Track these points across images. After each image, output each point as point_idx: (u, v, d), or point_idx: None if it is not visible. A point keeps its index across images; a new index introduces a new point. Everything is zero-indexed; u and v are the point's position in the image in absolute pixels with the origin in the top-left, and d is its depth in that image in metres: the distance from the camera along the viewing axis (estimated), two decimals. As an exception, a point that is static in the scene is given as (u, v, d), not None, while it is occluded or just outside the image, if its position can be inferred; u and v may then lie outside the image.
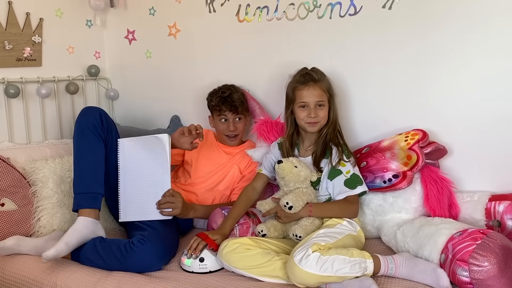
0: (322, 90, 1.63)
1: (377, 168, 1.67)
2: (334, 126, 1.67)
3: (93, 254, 1.50)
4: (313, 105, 1.63)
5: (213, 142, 1.97)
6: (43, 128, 2.16)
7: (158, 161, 1.62)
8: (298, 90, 1.65)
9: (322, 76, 1.66)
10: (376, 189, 1.65)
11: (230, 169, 1.91)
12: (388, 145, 1.70)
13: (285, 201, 1.51)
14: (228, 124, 1.88)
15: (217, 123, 1.92)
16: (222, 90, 1.88)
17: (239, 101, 1.87)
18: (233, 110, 1.86)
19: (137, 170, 1.64)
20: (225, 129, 1.89)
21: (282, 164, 1.58)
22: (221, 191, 1.90)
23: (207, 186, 1.90)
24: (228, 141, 1.92)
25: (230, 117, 1.88)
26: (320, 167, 1.65)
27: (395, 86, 1.81)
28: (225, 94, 1.86)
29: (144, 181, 1.63)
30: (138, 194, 1.64)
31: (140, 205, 1.63)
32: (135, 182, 1.64)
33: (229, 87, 1.91)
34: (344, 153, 1.63)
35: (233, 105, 1.85)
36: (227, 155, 1.94)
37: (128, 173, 1.64)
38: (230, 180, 1.90)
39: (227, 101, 1.85)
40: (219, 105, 1.86)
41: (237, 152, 1.94)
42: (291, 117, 1.70)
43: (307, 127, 1.65)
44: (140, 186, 1.64)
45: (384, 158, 1.66)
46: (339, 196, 1.59)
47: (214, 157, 1.94)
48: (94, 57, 2.41)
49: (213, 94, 1.91)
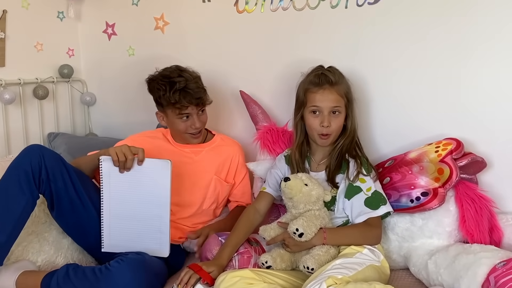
0: (339, 95, 1.64)
1: (403, 185, 1.67)
2: (352, 137, 1.68)
3: (64, 281, 1.50)
4: (327, 112, 1.63)
5: (166, 146, 1.88)
6: (6, 139, 2.15)
7: (155, 191, 1.62)
8: (310, 92, 1.65)
9: (340, 78, 1.66)
10: (402, 210, 1.65)
11: (207, 178, 1.87)
12: (416, 157, 1.70)
13: (294, 227, 1.50)
14: (192, 121, 1.80)
15: (174, 121, 1.80)
16: (176, 80, 1.74)
17: (201, 90, 1.78)
18: (198, 103, 1.77)
19: (126, 197, 1.63)
20: (188, 127, 1.81)
21: (289, 182, 1.57)
22: (213, 210, 1.91)
23: (189, 211, 1.87)
24: (191, 139, 1.86)
25: (193, 112, 1.79)
26: (336, 184, 1.65)
27: (424, 87, 1.81)
28: (182, 85, 1.73)
29: (135, 211, 1.63)
30: (127, 224, 1.64)
31: (127, 237, 1.64)
32: (123, 210, 1.63)
33: (179, 73, 1.77)
34: (364, 167, 1.63)
35: (196, 98, 1.76)
36: (195, 155, 1.88)
37: (115, 198, 1.63)
38: (212, 194, 1.88)
39: (189, 93, 1.74)
40: (179, 101, 1.74)
41: (207, 151, 1.89)
42: (301, 123, 1.71)
43: (317, 140, 1.66)
44: (129, 217, 1.64)
45: (411, 173, 1.67)
46: (359, 219, 1.59)
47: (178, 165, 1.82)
48: (67, 55, 2.42)
49: (163, 86, 1.75)
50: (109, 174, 1.61)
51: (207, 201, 1.89)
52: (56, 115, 2.37)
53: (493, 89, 1.71)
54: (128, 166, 1.59)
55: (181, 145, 1.89)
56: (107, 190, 1.62)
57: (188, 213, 1.88)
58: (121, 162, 1.57)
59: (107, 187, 1.62)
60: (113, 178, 1.62)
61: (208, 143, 1.92)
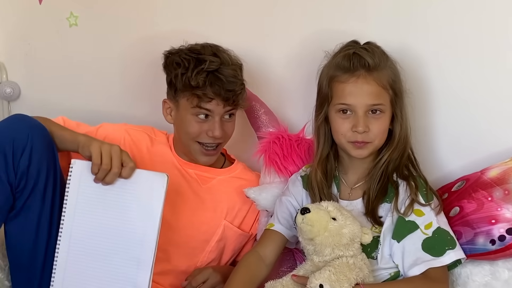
0: (381, 86, 1.60)
1: (479, 218, 1.61)
2: (403, 148, 1.65)
3: None
4: (363, 111, 1.59)
5: (168, 157, 1.88)
6: None
7: (139, 216, 1.57)
8: (338, 82, 1.62)
9: (382, 59, 1.64)
10: (479, 255, 1.60)
11: (211, 221, 1.85)
12: (498, 176, 1.65)
13: (317, 283, 1.42)
14: (212, 123, 1.76)
15: (187, 118, 1.78)
16: (209, 59, 1.74)
17: (239, 82, 1.77)
18: (228, 100, 1.74)
19: (99, 224, 1.59)
20: (203, 132, 1.78)
21: (309, 215, 1.52)
22: None
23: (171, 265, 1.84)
24: (200, 155, 1.82)
25: (218, 111, 1.76)
26: (379, 218, 1.61)
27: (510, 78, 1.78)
28: (213, 66, 1.72)
29: (104, 247, 1.58)
30: (91, 265, 1.58)
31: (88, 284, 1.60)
32: (89, 243, 1.58)
33: (214, 50, 1.78)
34: (421, 192, 1.60)
35: (229, 91, 1.73)
36: (202, 183, 1.87)
37: (81, 225, 1.58)
38: (216, 247, 1.85)
39: (219, 80, 1.72)
40: (203, 87, 1.72)
41: (219, 180, 1.88)
42: (325, 127, 1.69)
43: (351, 150, 1.63)
44: (97, 253, 1.58)
45: (492, 200, 1.61)
46: (414, 270, 1.52)
47: (187, 195, 1.84)
48: (-24, 26, 2.40)
49: (187, 62, 1.75)
50: (78, 186, 1.58)
51: (206, 256, 1.86)
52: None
53: None
54: (109, 180, 1.53)
55: (184, 162, 1.88)
56: (71, 209, 1.58)
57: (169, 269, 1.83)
58: (103, 170, 1.52)
59: (71, 205, 1.58)
60: (82, 192, 1.59)
61: (223, 170, 1.92)
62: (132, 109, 2.24)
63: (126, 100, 2.27)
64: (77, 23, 2.24)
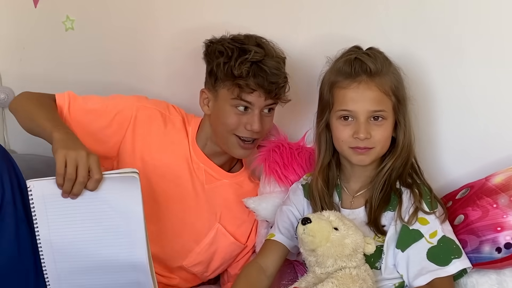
0: (383, 92, 1.59)
1: (484, 226, 1.59)
2: (406, 156, 1.64)
3: None
4: (365, 118, 1.58)
5: (193, 151, 1.84)
6: None
7: (120, 218, 1.53)
8: (339, 88, 1.61)
9: (385, 65, 1.62)
10: (485, 264, 1.57)
11: (205, 223, 1.85)
12: (503, 182, 1.64)
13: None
14: (252, 116, 1.73)
15: (226, 109, 1.75)
16: (254, 50, 1.71)
17: (282, 75, 1.74)
18: (270, 92, 1.71)
19: (79, 235, 1.54)
20: (241, 125, 1.75)
21: (310, 226, 1.50)
22: (188, 268, 1.87)
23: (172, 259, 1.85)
24: (236, 149, 1.79)
25: (258, 104, 1.73)
26: (382, 227, 1.60)
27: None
28: (257, 57, 1.70)
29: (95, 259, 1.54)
30: (89, 276, 1.56)
31: None
32: (77, 261, 1.54)
33: (258, 41, 1.76)
34: (425, 200, 1.59)
35: (272, 83, 1.70)
36: (206, 182, 1.85)
37: (60, 242, 1.53)
38: (206, 249, 1.85)
39: (263, 71, 1.69)
40: (246, 77, 1.69)
41: (222, 184, 1.87)
42: (326, 134, 1.68)
43: (352, 156, 1.61)
44: (90, 268, 1.55)
45: (497, 207, 1.59)
46: (420, 280, 1.51)
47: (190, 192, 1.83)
48: (-32, 30, 2.40)
49: (230, 51, 1.73)
50: (45, 207, 1.50)
51: (194, 256, 1.85)
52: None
53: None
54: (76, 192, 1.46)
55: (201, 156, 1.85)
56: (44, 232, 1.52)
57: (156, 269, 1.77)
58: (68, 180, 1.43)
59: (44, 227, 1.52)
60: (51, 213, 1.51)
61: (230, 175, 1.90)
62: None
63: None
64: (73, 27, 2.25)
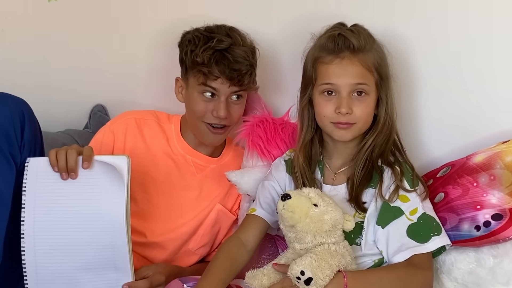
0: (366, 68, 1.58)
1: (464, 204, 1.59)
2: (388, 133, 1.62)
3: None
4: (347, 92, 1.56)
5: (174, 145, 1.88)
6: None
7: (105, 206, 1.56)
8: (322, 63, 1.59)
9: (368, 42, 1.60)
10: (464, 242, 1.57)
11: (207, 210, 1.86)
12: (484, 161, 1.63)
13: (298, 269, 1.39)
14: (218, 103, 1.74)
15: (194, 96, 1.77)
16: (217, 38, 1.72)
17: (246, 63, 1.73)
18: (233, 79, 1.71)
19: (61, 219, 1.56)
20: (208, 111, 1.76)
21: (290, 202, 1.48)
22: (195, 252, 1.89)
23: (173, 246, 1.85)
24: (207, 135, 1.81)
25: (223, 91, 1.73)
26: (362, 204, 1.58)
27: (501, 61, 1.76)
28: (221, 45, 1.71)
29: (75, 241, 1.56)
30: (63, 262, 1.57)
31: (67, 281, 1.58)
32: (57, 240, 1.56)
33: (228, 31, 1.76)
34: (406, 178, 1.58)
35: (234, 70, 1.70)
36: (197, 172, 1.89)
37: (43, 222, 1.55)
38: (209, 231, 1.87)
39: (226, 59, 1.70)
40: (209, 64, 1.70)
41: (212, 169, 1.88)
42: (309, 110, 1.67)
43: (333, 131, 1.60)
44: (67, 248, 1.56)
45: (477, 185, 1.59)
46: (399, 256, 1.50)
47: (180, 182, 1.86)
48: None
49: (197, 40, 1.75)
50: (37, 184, 1.55)
51: (197, 239, 1.86)
52: None
53: None
54: (72, 167, 1.54)
55: (187, 147, 1.88)
56: (31, 208, 1.55)
57: (162, 256, 1.85)
58: (61, 168, 1.52)
59: (31, 204, 1.55)
60: (42, 189, 1.55)
61: (215, 159, 1.92)
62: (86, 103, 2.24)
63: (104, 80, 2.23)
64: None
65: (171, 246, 1.84)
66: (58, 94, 2.26)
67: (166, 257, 1.84)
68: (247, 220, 1.66)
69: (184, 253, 1.87)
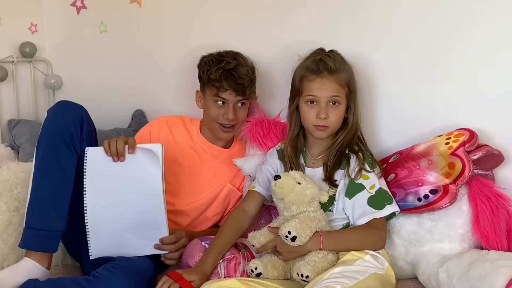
0: (339, 84, 1.63)
1: (409, 182, 1.66)
2: (354, 132, 1.68)
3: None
4: (325, 102, 1.62)
5: (196, 140, 1.93)
6: (-42, 125, 2.11)
7: (146, 181, 1.62)
8: (307, 80, 1.64)
9: (341, 64, 1.65)
10: (409, 210, 1.64)
11: (220, 187, 1.90)
12: (424, 150, 1.70)
13: (286, 230, 1.48)
14: (227, 109, 1.81)
15: (209, 104, 1.83)
16: (226, 60, 1.78)
17: (247, 78, 1.79)
18: (238, 91, 1.78)
19: (113, 193, 1.62)
20: (220, 115, 1.82)
21: (280, 181, 1.56)
22: (211, 218, 1.92)
23: (195, 214, 1.89)
24: (220, 132, 1.86)
25: (231, 100, 1.80)
26: (335, 181, 1.64)
27: (438, 73, 1.81)
28: (229, 66, 1.77)
29: (124, 209, 1.62)
30: (116, 225, 1.62)
31: (119, 239, 1.63)
32: (111, 208, 1.62)
33: (234, 55, 1.82)
34: (367, 162, 1.63)
35: (239, 84, 1.77)
36: (213, 159, 1.92)
37: (100, 196, 1.62)
38: (221, 203, 1.91)
39: (232, 76, 1.76)
40: (219, 80, 1.76)
41: (224, 158, 1.92)
42: (295, 114, 1.71)
43: (314, 131, 1.65)
44: (118, 214, 1.62)
45: (419, 168, 1.66)
46: (361, 220, 1.58)
47: (200, 167, 1.89)
48: (29, 31, 2.37)
49: (210, 62, 1.81)
50: (94, 167, 1.61)
51: (212, 209, 1.90)
52: (17, 100, 2.32)
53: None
54: (121, 152, 1.61)
55: (205, 141, 1.92)
56: (91, 186, 1.61)
57: (186, 221, 1.88)
58: (112, 153, 1.60)
59: (91, 182, 1.61)
60: (98, 171, 1.62)
61: (226, 150, 1.95)
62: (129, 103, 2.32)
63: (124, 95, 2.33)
64: (107, 30, 2.31)
65: (193, 214, 1.88)
66: (109, 101, 2.34)
67: (189, 222, 1.88)
68: (249, 195, 1.73)
69: (202, 219, 1.90)
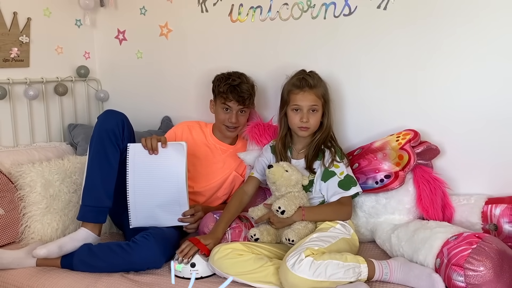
0: (317, 96, 1.62)
1: (369, 169, 1.66)
2: (328, 132, 1.67)
3: (90, 256, 1.50)
4: (306, 110, 1.62)
5: (209, 139, 1.90)
6: (30, 130, 2.11)
7: (173, 169, 1.61)
8: (293, 93, 1.63)
9: (318, 81, 1.65)
10: (369, 191, 1.64)
11: (228, 174, 1.88)
12: (380, 145, 1.70)
13: (277, 206, 1.50)
14: (231, 115, 1.79)
15: (219, 110, 1.82)
16: (232, 78, 1.78)
17: (247, 93, 1.78)
18: (239, 101, 1.77)
19: (148, 178, 1.61)
20: (226, 119, 1.81)
21: (272, 169, 1.57)
22: (221, 197, 1.90)
23: (209, 194, 1.87)
24: (226, 132, 1.84)
25: (234, 107, 1.79)
26: (313, 169, 1.64)
27: (389, 87, 1.80)
28: (234, 82, 1.76)
29: (156, 190, 1.62)
30: (150, 202, 1.61)
31: (152, 213, 1.62)
32: (146, 189, 1.62)
33: (239, 75, 1.81)
34: (337, 155, 1.63)
35: (240, 96, 1.76)
36: (222, 153, 1.90)
37: (138, 180, 1.61)
38: (229, 186, 1.88)
39: (236, 90, 1.76)
40: (226, 92, 1.76)
41: (231, 152, 1.90)
42: (284, 119, 1.69)
43: (298, 131, 1.64)
44: (152, 194, 1.62)
45: (376, 159, 1.66)
46: (333, 198, 1.58)
47: (212, 159, 1.87)
48: (83, 57, 2.36)
49: (221, 79, 1.80)
50: (134, 158, 1.61)
51: (222, 190, 1.88)
52: (75, 109, 2.33)
53: (447, 90, 1.70)
54: (155, 147, 1.62)
55: (216, 140, 1.89)
56: (132, 172, 1.60)
57: (202, 199, 1.86)
58: (148, 148, 1.61)
59: (132, 170, 1.60)
60: (137, 161, 1.61)
61: (232, 146, 1.92)
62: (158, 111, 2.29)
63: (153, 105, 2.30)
64: (142, 57, 2.31)
65: (207, 194, 1.87)
66: (144, 110, 2.32)
67: (204, 200, 1.86)
68: (249, 179, 1.73)
69: (214, 198, 1.89)
